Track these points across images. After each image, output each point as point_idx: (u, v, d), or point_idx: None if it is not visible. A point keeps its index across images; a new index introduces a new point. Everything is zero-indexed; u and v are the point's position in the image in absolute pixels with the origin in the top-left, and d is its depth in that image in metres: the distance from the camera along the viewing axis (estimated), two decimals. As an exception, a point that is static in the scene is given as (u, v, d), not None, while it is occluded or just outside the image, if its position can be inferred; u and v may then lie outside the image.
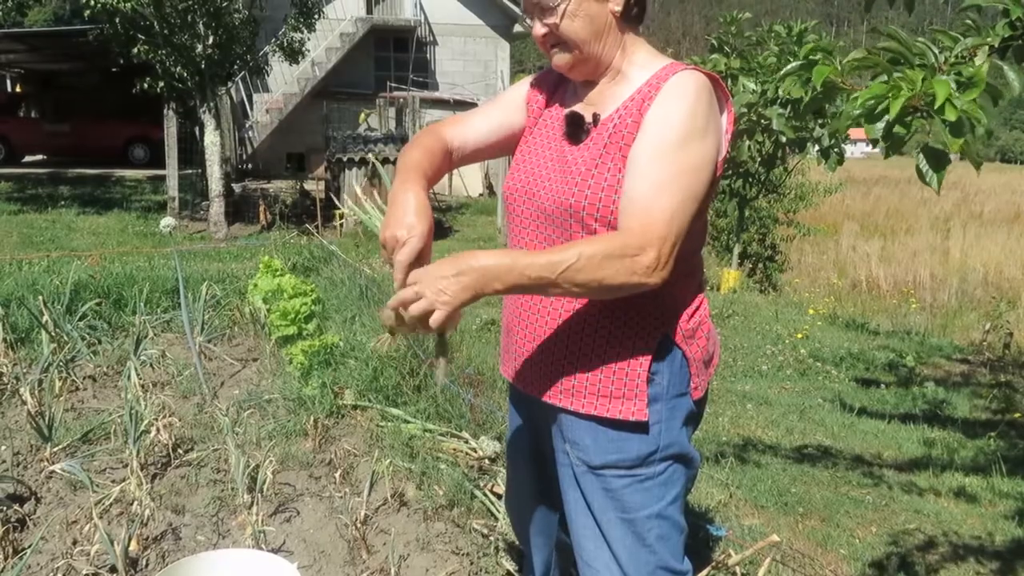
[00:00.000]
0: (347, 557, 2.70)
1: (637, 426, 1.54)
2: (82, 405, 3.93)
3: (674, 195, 1.40)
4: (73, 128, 18.96)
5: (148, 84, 10.92)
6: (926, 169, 1.71)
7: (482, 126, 1.71)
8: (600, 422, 1.56)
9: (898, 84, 1.64)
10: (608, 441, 1.55)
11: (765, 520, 3.40)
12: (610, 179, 1.48)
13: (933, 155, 1.70)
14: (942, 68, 1.72)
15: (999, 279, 12.17)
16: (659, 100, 1.46)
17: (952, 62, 1.74)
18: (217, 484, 3.12)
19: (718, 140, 1.49)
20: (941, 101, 1.56)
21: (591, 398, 1.55)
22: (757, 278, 12.07)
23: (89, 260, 7.18)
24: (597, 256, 1.34)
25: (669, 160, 1.41)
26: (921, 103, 1.63)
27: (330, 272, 6.72)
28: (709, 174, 1.47)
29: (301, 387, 3.98)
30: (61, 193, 14.22)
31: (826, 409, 5.45)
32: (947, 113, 1.56)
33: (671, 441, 1.56)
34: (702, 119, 1.44)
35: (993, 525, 3.62)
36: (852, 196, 19.44)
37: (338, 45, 17.73)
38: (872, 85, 1.69)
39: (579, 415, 1.57)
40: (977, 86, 1.61)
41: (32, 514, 2.88)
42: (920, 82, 1.63)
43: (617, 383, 1.54)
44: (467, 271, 1.32)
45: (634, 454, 1.55)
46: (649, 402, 1.53)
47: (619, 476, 1.56)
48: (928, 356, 7.49)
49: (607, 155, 1.49)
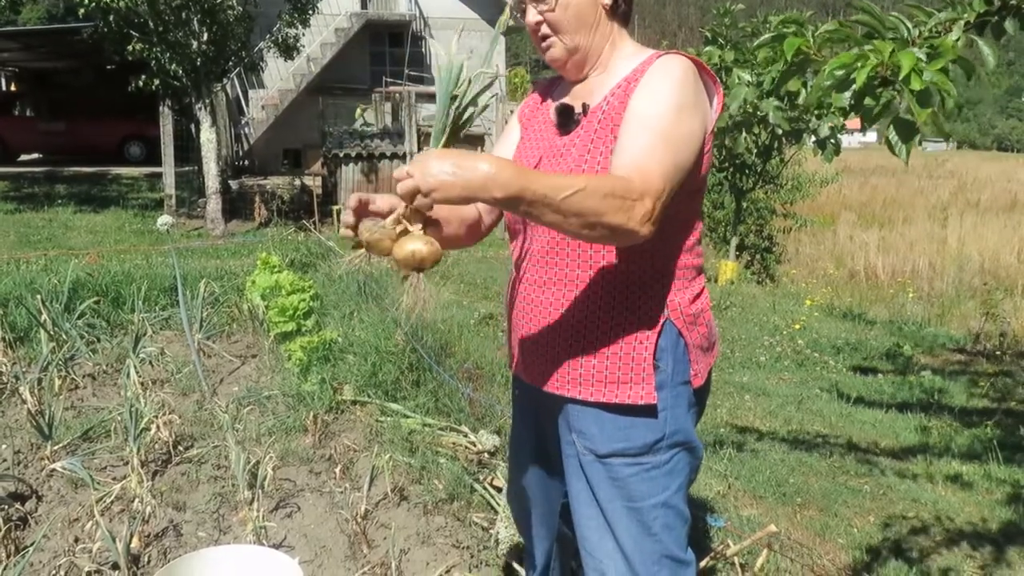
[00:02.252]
0: (348, 552, 2.71)
1: (644, 412, 1.55)
2: (82, 403, 3.94)
3: (665, 155, 1.41)
4: (68, 126, 18.90)
5: (143, 82, 10.90)
6: (895, 140, 1.74)
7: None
8: (607, 409, 1.57)
9: (866, 54, 1.65)
10: (615, 429, 1.57)
11: (763, 510, 3.42)
12: (603, 161, 1.50)
13: (902, 125, 1.72)
14: (915, 41, 1.73)
15: (996, 267, 12.19)
16: (645, 79, 1.49)
17: (926, 36, 1.75)
18: (218, 480, 3.14)
19: (704, 119, 1.51)
20: (906, 71, 1.57)
21: (598, 385, 1.56)
22: (754, 269, 12.10)
23: (87, 259, 7.18)
24: (602, 190, 1.31)
25: (658, 127, 1.43)
26: (888, 73, 1.63)
27: (328, 268, 6.73)
28: (697, 147, 1.49)
29: (300, 383, 3.99)
30: (57, 192, 14.20)
31: (824, 399, 5.47)
32: (913, 83, 1.58)
33: (676, 428, 1.58)
34: (691, 95, 1.47)
35: (989, 512, 3.64)
36: (849, 186, 19.47)
37: (333, 40, 17.70)
38: (840, 55, 1.70)
39: (586, 403, 1.58)
40: (943, 56, 1.61)
41: (34, 512, 2.89)
42: (888, 54, 1.64)
43: (624, 368, 1.55)
44: (468, 169, 1.24)
45: (640, 442, 1.56)
46: (655, 388, 1.55)
47: (626, 464, 1.57)
48: (925, 345, 7.51)
49: (599, 139, 1.52)
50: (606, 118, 1.52)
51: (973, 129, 65.65)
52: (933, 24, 1.78)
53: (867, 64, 1.64)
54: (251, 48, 12.20)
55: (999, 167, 29.58)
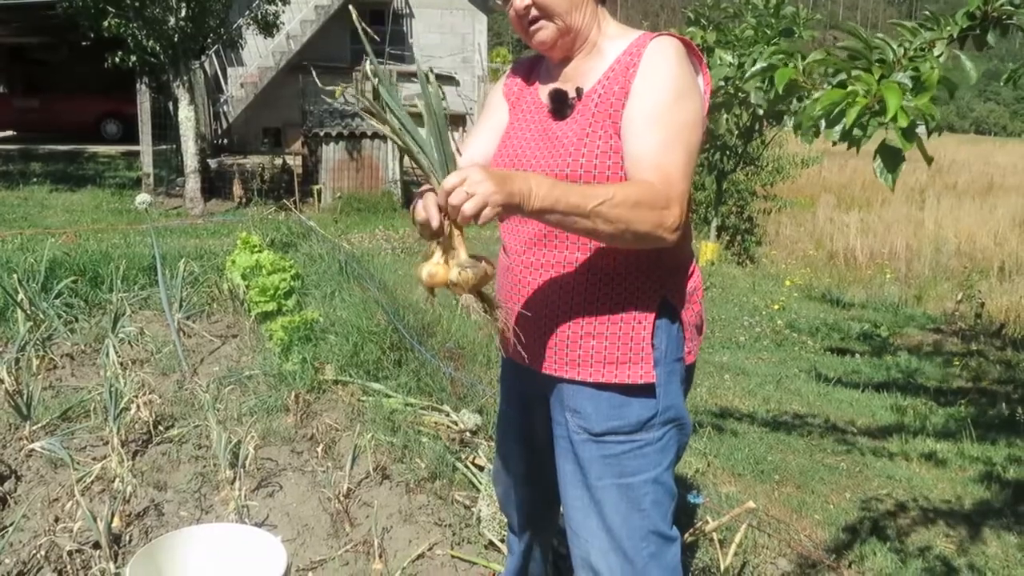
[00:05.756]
0: (330, 530, 2.72)
1: (640, 390, 1.57)
2: (60, 383, 3.91)
3: (680, 152, 1.45)
4: (43, 103, 18.57)
5: (120, 58, 10.71)
6: (880, 169, 1.79)
7: (482, 137, 1.74)
8: (602, 388, 1.58)
9: (855, 91, 1.70)
10: (610, 407, 1.58)
11: (742, 488, 3.46)
12: (602, 146, 1.51)
13: (889, 154, 1.78)
14: (900, 62, 1.78)
15: (972, 249, 12.32)
16: (643, 66, 1.50)
17: (911, 55, 1.79)
18: (199, 460, 3.13)
19: (701, 99, 1.54)
20: (893, 111, 1.64)
21: (597, 366, 1.57)
22: (735, 250, 12.14)
23: (64, 238, 7.10)
24: (631, 198, 1.37)
25: (667, 120, 1.46)
26: (876, 106, 1.69)
27: (308, 248, 6.70)
28: (701, 131, 1.52)
29: (281, 363, 3.98)
30: (33, 170, 13.97)
31: (802, 379, 5.53)
32: (900, 120, 1.65)
33: (669, 405, 1.59)
34: (688, 79, 1.50)
35: (963, 489, 3.71)
36: (829, 168, 19.51)
37: (313, 18, 17.47)
38: (829, 91, 1.76)
39: (584, 383, 1.59)
40: (928, 90, 1.68)
41: (13, 492, 2.88)
42: (876, 84, 1.70)
43: (623, 348, 1.56)
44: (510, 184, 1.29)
45: (635, 419, 1.57)
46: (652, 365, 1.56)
47: (619, 442, 1.58)
48: (902, 326, 7.61)
49: (596, 124, 1.52)
50: (603, 102, 1.52)
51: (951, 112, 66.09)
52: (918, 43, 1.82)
53: (857, 102, 1.70)
54: (230, 25, 12.01)
55: (977, 150, 29.82)
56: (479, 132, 1.76)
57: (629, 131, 1.48)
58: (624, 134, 1.49)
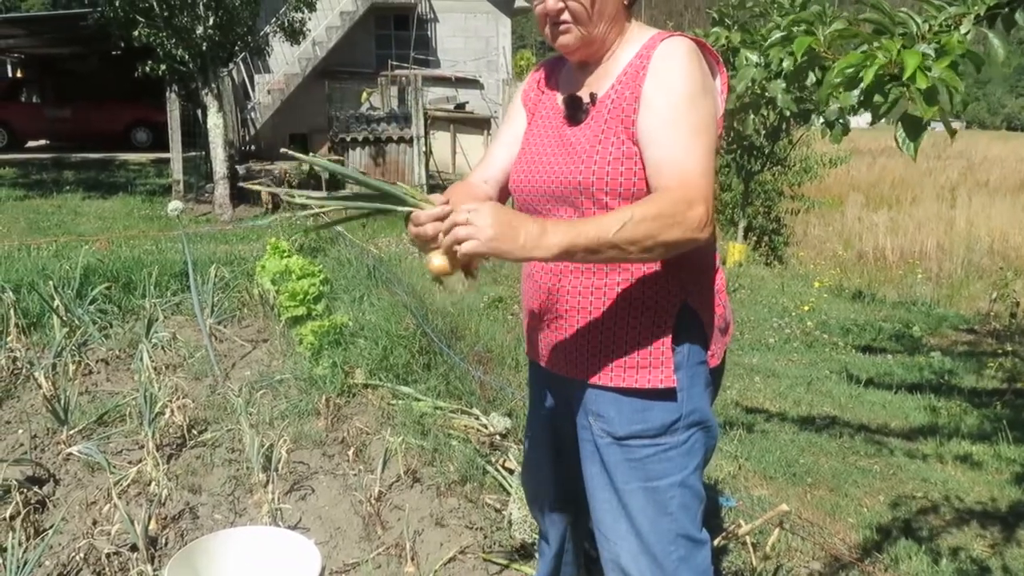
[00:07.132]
0: (362, 533, 2.74)
1: (662, 394, 1.56)
2: (96, 388, 3.98)
3: (699, 152, 1.44)
4: (74, 112, 18.89)
5: (149, 67, 10.88)
6: (902, 137, 1.75)
7: (501, 152, 1.75)
8: (624, 393, 1.58)
9: (874, 53, 1.66)
10: (632, 411, 1.58)
11: (774, 491, 3.44)
12: (615, 152, 1.51)
13: (910, 123, 1.73)
14: (925, 36, 1.74)
15: (1005, 248, 12.12)
16: (653, 69, 1.50)
17: (936, 31, 1.76)
18: (232, 464, 3.17)
19: (715, 98, 1.54)
20: (910, 72, 1.59)
21: (618, 371, 1.57)
22: (762, 251, 12.05)
23: (97, 244, 7.21)
24: (651, 212, 1.37)
25: (683, 122, 1.45)
26: (896, 70, 1.65)
27: (337, 252, 6.75)
28: (716, 130, 1.51)
29: (312, 367, 4.01)
30: (65, 178, 14.23)
31: (833, 380, 5.47)
32: (919, 81, 1.60)
33: (693, 408, 1.59)
34: (700, 79, 1.49)
35: (999, 491, 3.65)
36: (857, 167, 19.31)
37: (338, 24, 17.60)
38: (849, 54, 1.71)
39: (605, 388, 1.60)
40: (949, 54, 1.63)
41: (51, 495, 2.93)
42: (896, 52, 1.66)
43: (643, 353, 1.56)
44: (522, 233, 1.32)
45: (658, 423, 1.57)
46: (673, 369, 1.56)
47: (644, 446, 1.58)
48: (934, 326, 7.50)
49: (609, 130, 1.52)
50: (615, 108, 1.53)
51: (982, 108, 65.07)
52: (943, 19, 1.78)
53: (875, 63, 1.66)
54: (257, 33, 12.15)
55: (1009, 147, 29.32)
56: (497, 147, 1.78)
57: (646, 140, 1.48)
58: (642, 144, 1.49)
